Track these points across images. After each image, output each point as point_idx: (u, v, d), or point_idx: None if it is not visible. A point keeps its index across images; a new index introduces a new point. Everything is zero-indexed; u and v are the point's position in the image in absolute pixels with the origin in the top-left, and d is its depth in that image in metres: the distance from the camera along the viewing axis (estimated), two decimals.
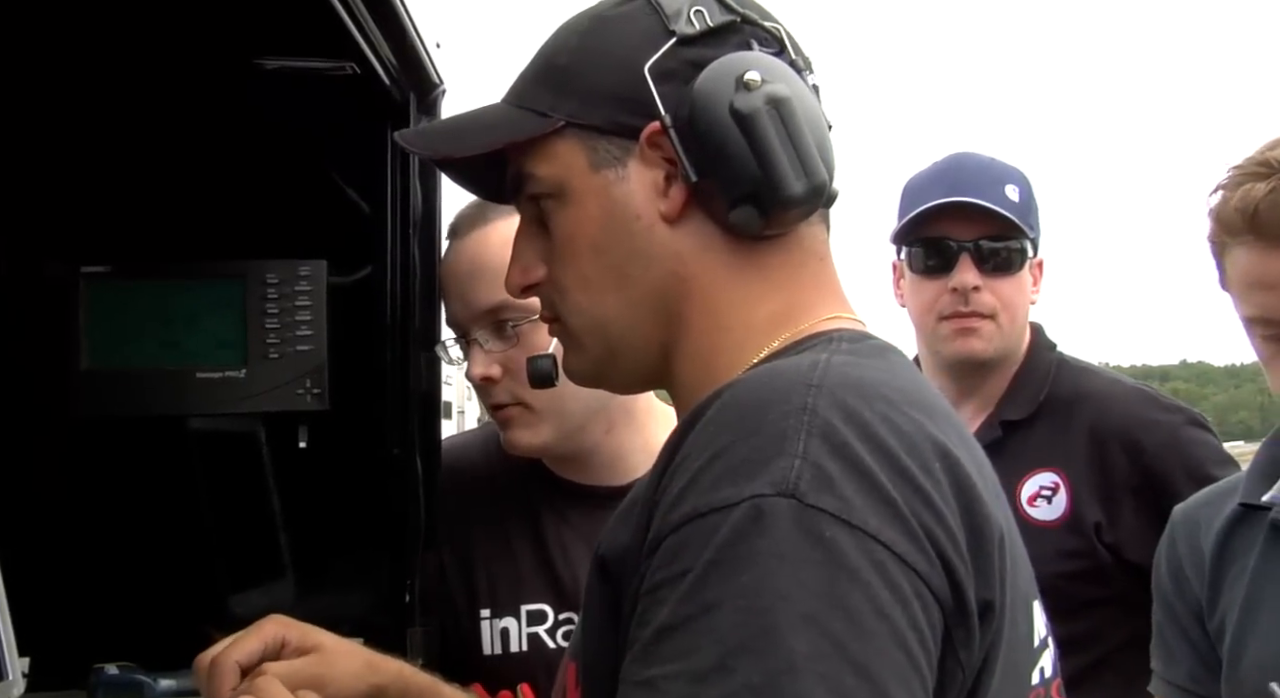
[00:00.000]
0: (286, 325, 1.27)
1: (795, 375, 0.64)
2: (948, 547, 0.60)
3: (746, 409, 0.62)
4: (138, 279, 1.28)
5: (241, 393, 1.25)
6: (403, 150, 1.29)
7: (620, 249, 0.74)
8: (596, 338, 0.76)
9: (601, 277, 0.75)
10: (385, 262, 1.28)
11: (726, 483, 0.59)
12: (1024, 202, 1.57)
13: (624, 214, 0.74)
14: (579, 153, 0.74)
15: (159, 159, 1.30)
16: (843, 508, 0.58)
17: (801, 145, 0.71)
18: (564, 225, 0.76)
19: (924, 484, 0.61)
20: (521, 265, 0.79)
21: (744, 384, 0.65)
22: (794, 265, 0.75)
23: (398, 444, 1.25)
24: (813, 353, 0.69)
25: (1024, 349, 1.62)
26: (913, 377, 0.71)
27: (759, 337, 0.73)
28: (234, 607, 1.28)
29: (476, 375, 1.22)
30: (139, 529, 1.28)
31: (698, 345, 0.75)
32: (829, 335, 0.72)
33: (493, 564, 1.28)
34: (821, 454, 0.59)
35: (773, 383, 0.64)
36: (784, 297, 0.74)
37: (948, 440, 0.64)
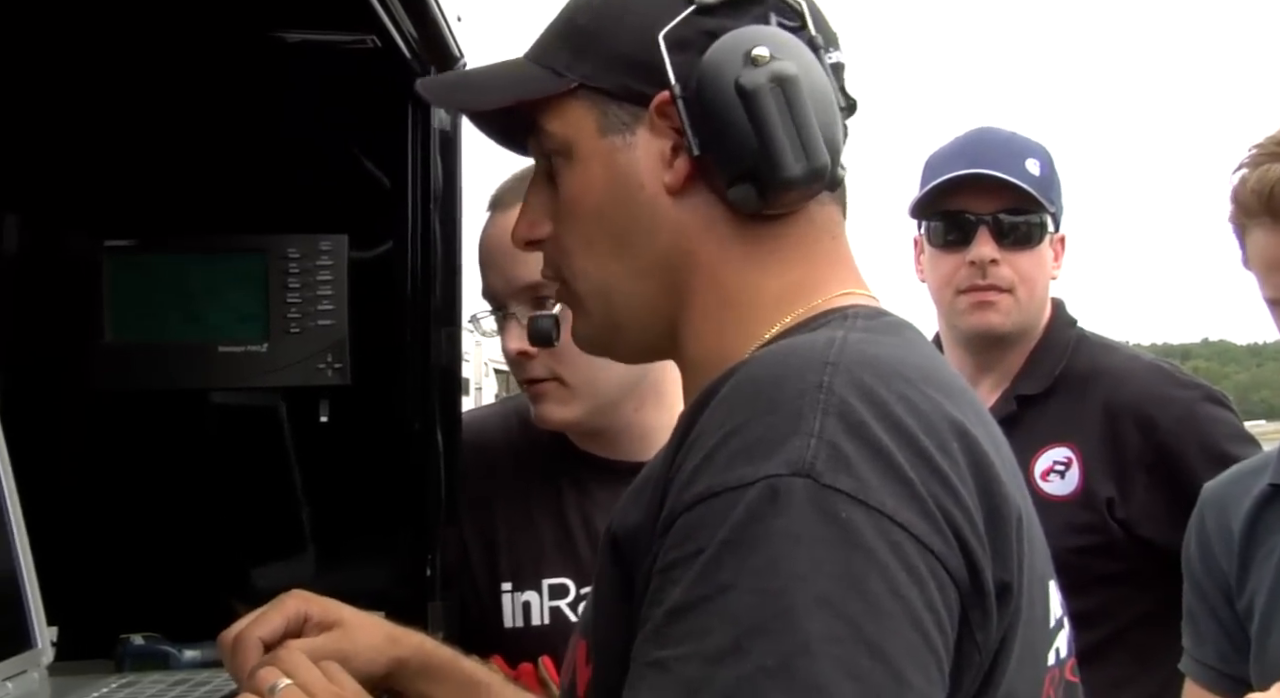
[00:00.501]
0: (307, 300, 1.27)
1: (811, 353, 0.63)
2: (965, 527, 0.60)
3: (761, 387, 0.62)
4: (160, 253, 1.29)
5: (263, 367, 1.26)
6: (423, 125, 1.30)
7: (623, 217, 0.74)
8: (600, 304, 0.76)
9: (604, 243, 0.74)
10: (406, 236, 1.29)
11: (741, 462, 0.59)
12: (1045, 176, 1.57)
13: (628, 182, 0.73)
14: (589, 115, 0.74)
15: (181, 133, 1.30)
16: (859, 488, 0.58)
17: (804, 126, 0.70)
18: (570, 186, 0.75)
19: (941, 464, 0.60)
20: (529, 219, 0.79)
21: (759, 362, 0.65)
22: (805, 242, 0.74)
23: (418, 419, 1.26)
24: (828, 330, 0.68)
25: (1043, 324, 1.62)
26: (929, 354, 0.71)
27: (768, 312, 0.72)
28: (256, 580, 1.29)
29: (513, 349, 1.22)
30: (163, 502, 1.29)
31: (705, 320, 0.74)
32: (843, 312, 0.71)
33: (514, 538, 1.29)
34: (838, 433, 0.59)
35: (788, 361, 0.64)
36: (795, 273, 0.73)
37: (965, 419, 0.64)
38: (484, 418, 1.41)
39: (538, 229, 0.78)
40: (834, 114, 0.72)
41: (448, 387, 1.28)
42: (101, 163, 1.30)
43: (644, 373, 1.25)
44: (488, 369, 9.43)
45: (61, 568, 1.18)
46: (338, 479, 1.32)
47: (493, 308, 1.27)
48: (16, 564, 1.13)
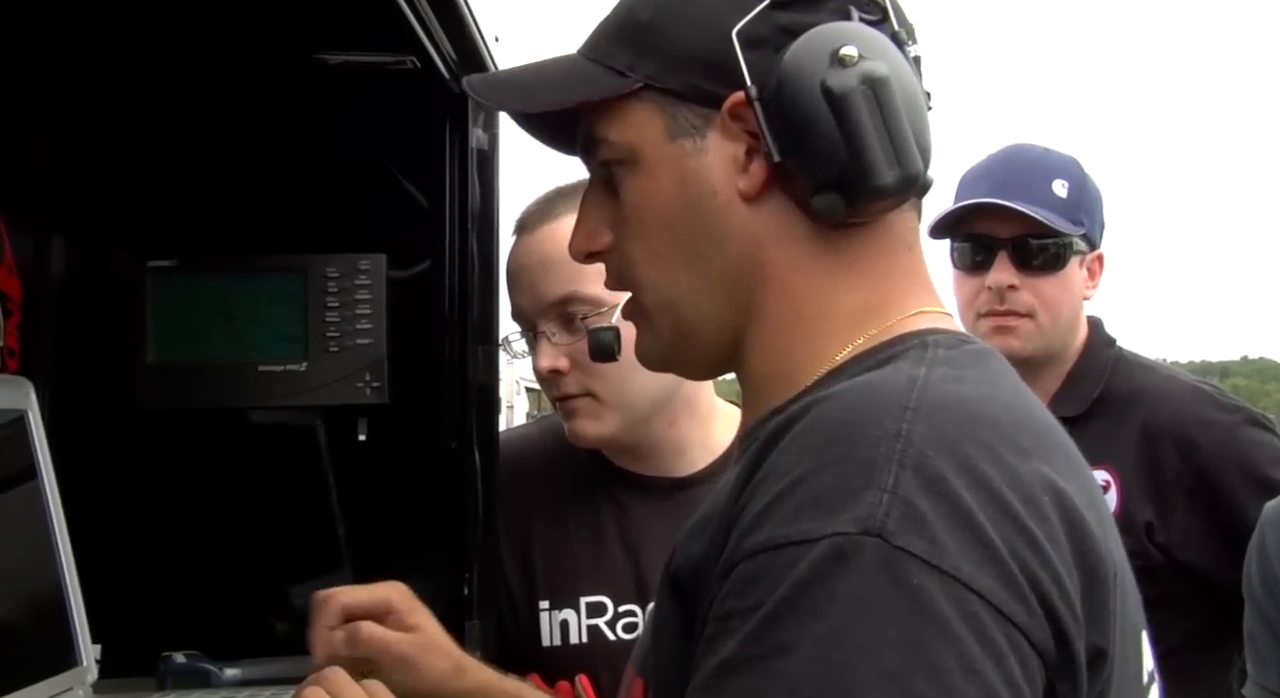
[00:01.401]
0: (346, 319, 1.27)
1: (890, 395, 0.59)
2: (1053, 593, 0.56)
3: (835, 431, 0.58)
4: (202, 273, 1.29)
5: (302, 386, 1.27)
6: (461, 144, 1.31)
7: (694, 226, 0.69)
8: (667, 318, 0.72)
9: (673, 253, 0.70)
10: (444, 255, 1.29)
11: (807, 514, 0.55)
12: (1074, 196, 1.56)
13: (699, 189, 0.69)
14: (655, 118, 0.69)
15: (222, 154, 1.32)
16: (932, 551, 0.54)
17: (896, 131, 0.65)
18: (635, 195, 0.71)
19: (1029, 523, 0.56)
20: (587, 230, 0.74)
21: (835, 402, 0.61)
22: (881, 254, 0.70)
23: (456, 437, 1.26)
24: (908, 363, 0.64)
25: (1079, 345, 1.61)
26: (1016, 389, 0.67)
27: (841, 331, 0.68)
28: (295, 598, 1.29)
29: (544, 368, 1.22)
30: (204, 520, 1.30)
31: (774, 336, 0.70)
32: (923, 338, 0.67)
33: (551, 556, 1.29)
34: (913, 489, 0.55)
35: (866, 403, 0.60)
36: (869, 288, 0.69)
37: (1057, 473, 0.59)
38: (520, 436, 1.42)
39: (597, 240, 0.74)
40: (924, 115, 0.68)
41: (485, 405, 1.28)
42: (144, 184, 1.32)
43: (677, 386, 1.25)
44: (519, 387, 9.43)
45: (105, 586, 1.19)
46: (376, 497, 1.32)
47: (522, 328, 1.28)
48: (62, 582, 1.14)
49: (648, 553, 1.26)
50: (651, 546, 1.26)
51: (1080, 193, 1.58)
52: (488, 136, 1.30)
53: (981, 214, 1.56)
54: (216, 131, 1.31)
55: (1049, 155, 1.61)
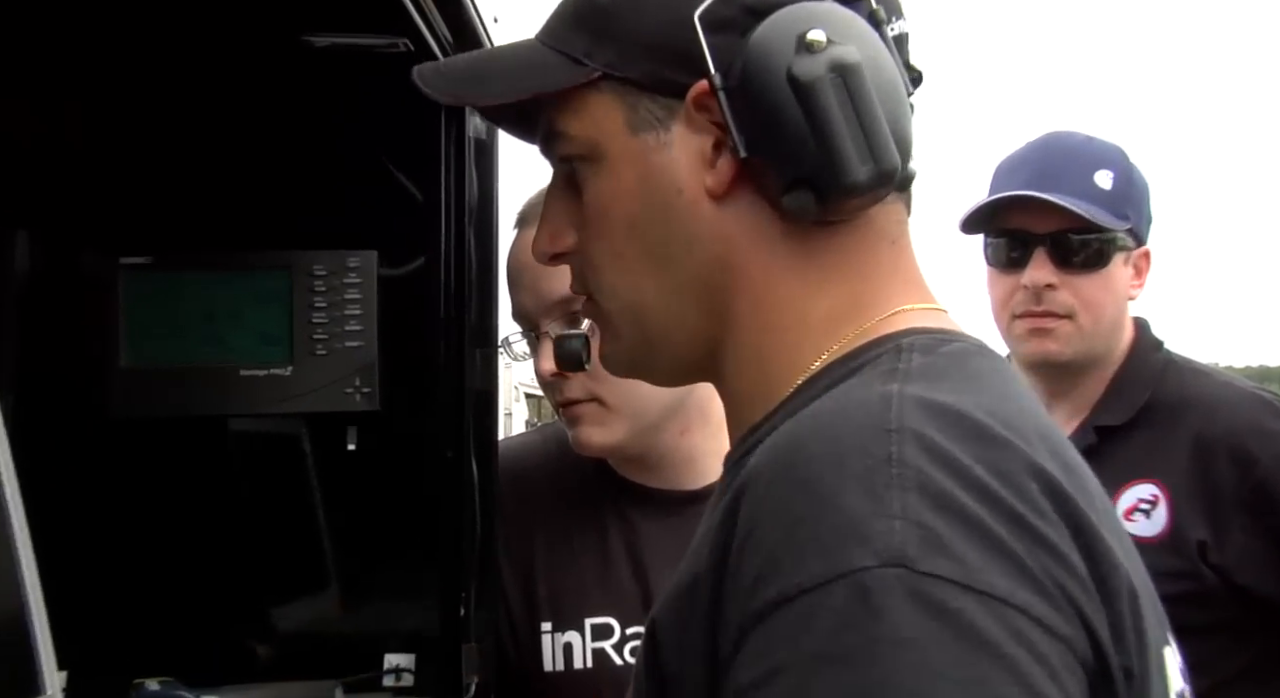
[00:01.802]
0: (335, 320, 1.22)
1: (868, 420, 0.54)
2: (1082, 600, 0.52)
3: (821, 469, 0.53)
4: (179, 271, 1.24)
5: (287, 392, 1.22)
6: (458, 133, 1.23)
7: (659, 227, 0.65)
8: (632, 325, 0.68)
9: (637, 257, 0.66)
10: (439, 252, 1.22)
11: (814, 557, 0.50)
12: (1119, 189, 1.47)
13: (664, 186, 0.65)
14: (616, 110, 0.65)
15: (201, 144, 1.26)
16: (962, 571, 0.49)
17: (869, 123, 0.61)
18: (596, 194, 0.67)
19: (1043, 530, 0.52)
20: (550, 230, 0.70)
21: (805, 435, 0.55)
22: (861, 251, 0.65)
23: (452, 446, 1.19)
24: (878, 376, 0.59)
25: (1124, 349, 1.52)
26: (1000, 388, 0.61)
27: (817, 337, 0.64)
28: (278, 620, 1.25)
29: (546, 370, 1.16)
30: (179, 537, 1.25)
31: (748, 346, 0.66)
32: (897, 343, 0.62)
33: (554, 575, 1.23)
34: (923, 510, 0.50)
35: (844, 431, 0.54)
36: (846, 288, 0.65)
37: (1054, 472, 0.55)
38: (521, 445, 1.36)
39: (560, 241, 0.70)
40: (903, 104, 0.64)
41: (483, 412, 1.22)
42: (115, 174, 1.27)
43: (688, 392, 1.19)
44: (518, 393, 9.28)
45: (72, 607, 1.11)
46: (366, 512, 1.28)
47: (524, 329, 1.22)
48: (25, 604, 1.05)
49: (657, 572, 1.20)
50: (661, 563, 1.20)
51: (1126, 184, 1.48)
52: (486, 125, 1.23)
53: (1017, 207, 1.47)
54: (195, 119, 1.26)
55: (1091, 144, 1.52)
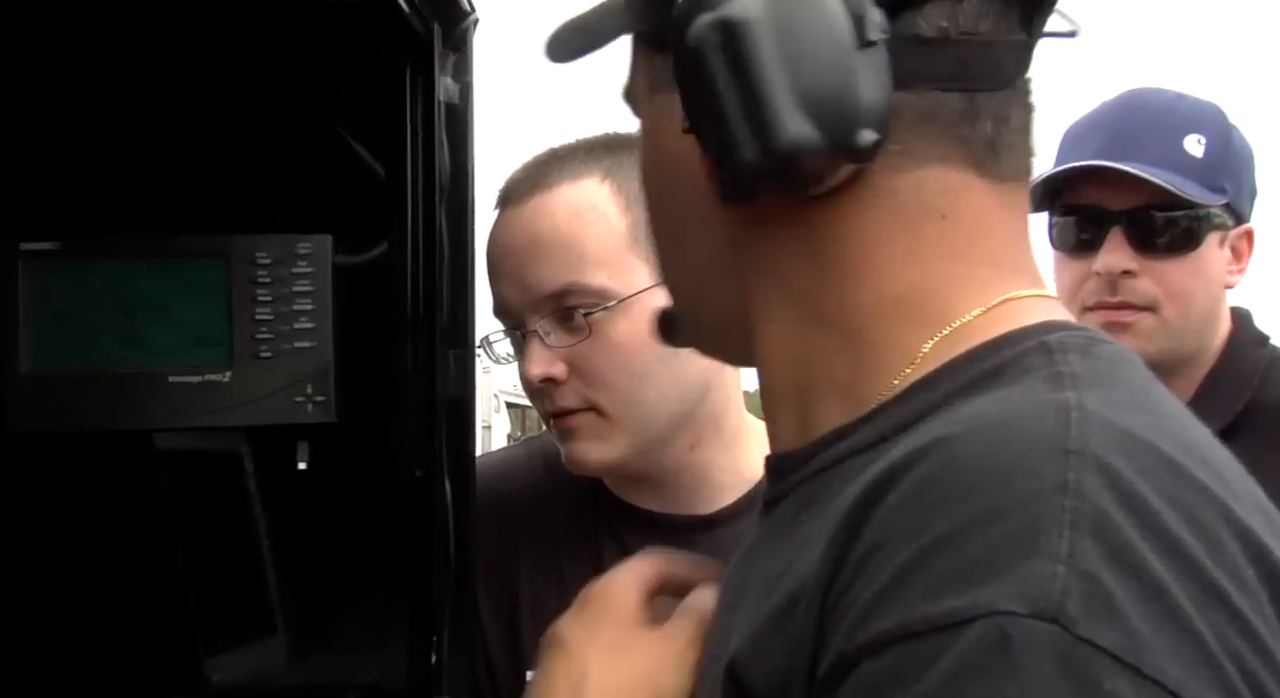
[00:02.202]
0: (281, 317, 1.12)
1: (1040, 435, 0.48)
2: (1275, 694, 0.45)
3: (976, 483, 0.47)
4: (91, 258, 1.12)
5: (225, 401, 1.11)
6: (425, 96, 1.12)
7: (674, 202, 0.63)
8: (675, 301, 0.68)
9: (665, 232, 0.66)
10: (405, 237, 1.13)
11: (951, 590, 0.45)
12: (1214, 156, 1.32)
13: (670, 157, 0.61)
14: (642, 69, 0.63)
15: (120, 108, 1.14)
16: (1129, 647, 0.43)
17: (760, 89, 0.53)
18: (640, 159, 0.66)
19: (1240, 606, 0.45)
20: None
21: (965, 442, 0.49)
22: (896, 229, 0.57)
23: (421, 464, 1.11)
24: (1041, 382, 0.52)
25: (1220, 344, 1.37)
26: (1171, 407, 0.55)
27: (884, 332, 0.57)
28: (213, 672, 1.14)
29: (535, 376, 1.07)
30: (93, 576, 1.14)
31: (790, 339, 0.60)
32: (1041, 341, 0.54)
33: (542, 614, 1.12)
34: (1095, 560, 0.44)
35: (1009, 445, 0.48)
36: (902, 274, 0.57)
37: (1251, 522, 0.48)
38: (502, 463, 1.26)
39: None
40: (840, 55, 0.54)
41: (457, 424, 1.12)
42: (16, 145, 1.14)
43: (700, 399, 1.11)
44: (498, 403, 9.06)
45: None
46: (319, 542, 1.17)
47: (507, 326, 1.13)
48: None
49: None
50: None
51: (1223, 151, 1.33)
52: (459, 87, 1.13)
53: (1089, 180, 1.31)
54: (111, 77, 1.13)
55: (1181, 103, 1.36)
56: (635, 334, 1.02)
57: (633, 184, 1.01)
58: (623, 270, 1.04)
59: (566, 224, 1.05)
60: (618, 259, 1.04)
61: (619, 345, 1.04)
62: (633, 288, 1.03)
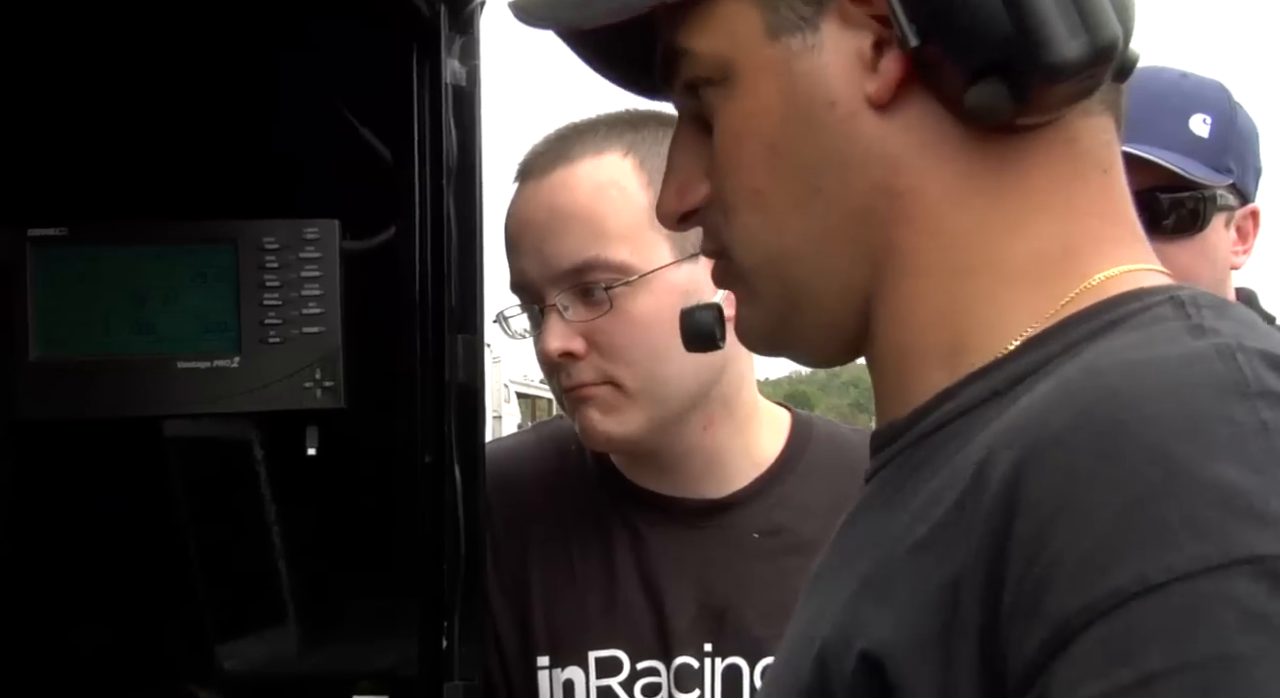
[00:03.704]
0: (290, 302, 1.11)
1: (1214, 379, 0.46)
2: None
3: (1164, 431, 0.45)
4: (101, 244, 1.12)
5: (234, 387, 1.11)
6: (432, 79, 1.11)
7: (806, 150, 0.57)
8: (774, 281, 0.60)
9: (780, 190, 0.58)
10: (412, 221, 1.12)
11: (1190, 537, 0.42)
12: (1219, 135, 1.30)
13: (812, 99, 0.57)
14: (752, 15, 0.57)
15: (127, 94, 1.13)
16: None
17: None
18: (730, 120, 0.59)
19: None
20: (679, 182, 0.62)
21: (1131, 386, 0.47)
22: (1066, 177, 0.57)
23: (430, 450, 1.10)
24: (1187, 331, 0.50)
25: None
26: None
27: (1022, 289, 0.55)
28: (224, 658, 1.14)
29: (554, 350, 1.06)
30: (103, 563, 1.14)
31: (920, 292, 0.57)
32: (1172, 295, 0.53)
33: (552, 600, 1.13)
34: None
35: (1185, 391, 0.46)
36: (1055, 227, 0.56)
37: None
38: (511, 448, 1.25)
39: (691, 194, 0.62)
40: None
41: (467, 409, 1.10)
42: (24, 131, 1.13)
43: (716, 379, 1.10)
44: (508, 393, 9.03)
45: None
46: (329, 528, 1.17)
47: (524, 301, 1.11)
48: None
49: (674, 596, 1.10)
50: (679, 586, 1.10)
51: (1227, 130, 1.30)
52: (466, 70, 1.11)
53: None
54: (117, 64, 1.13)
55: (1185, 82, 1.33)
56: (656, 310, 1.02)
57: (656, 160, 0.99)
58: (644, 246, 1.03)
59: (588, 198, 1.04)
60: (639, 235, 1.03)
61: (639, 321, 1.03)
62: (654, 263, 1.03)
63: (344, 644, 1.15)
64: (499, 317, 1.13)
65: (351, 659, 1.10)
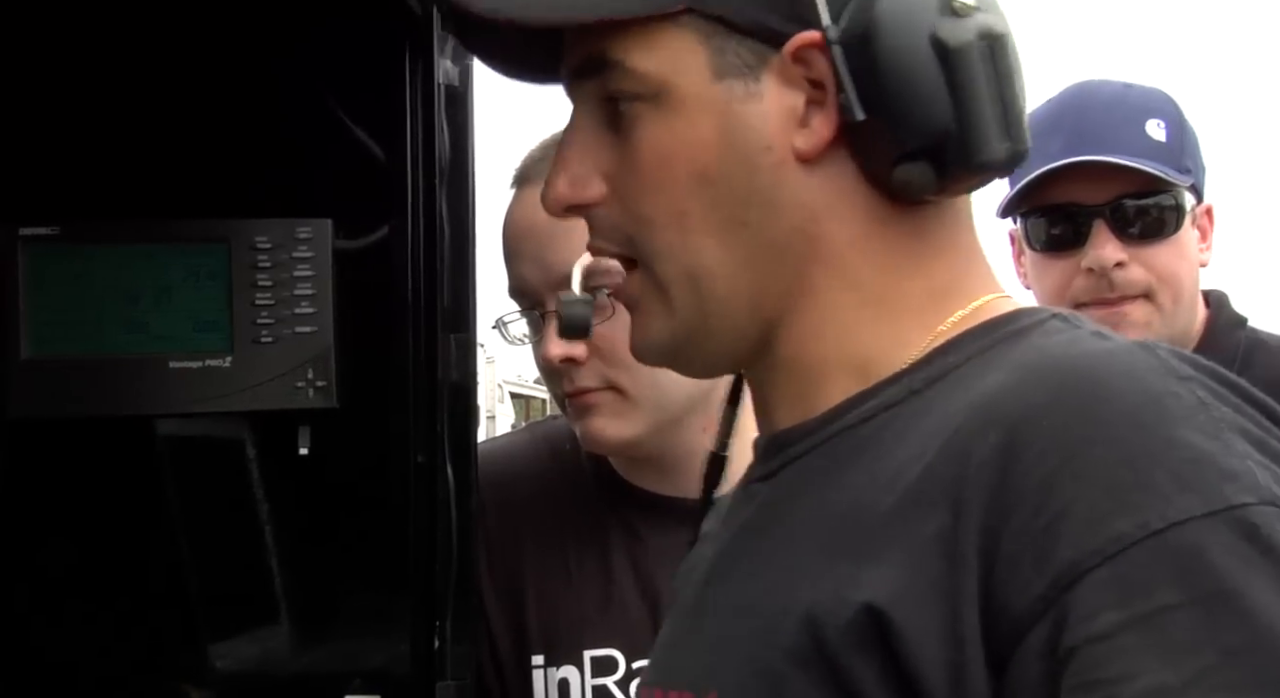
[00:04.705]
0: (282, 301, 1.12)
1: (1151, 366, 0.55)
2: None
3: (1136, 403, 0.53)
4: (92, 244, 1.13)
5: (226, 387, 1.12)
6: (424, 79, 1.12)
7: (739, 186, 0.62)
8: (688, 294, 0.64)
9: (705, 215, 0.63)
10: (405, 220, 1.13)
11: (1178, 491, 0.50)
12: (1174, 138, 1.33)
13: (748, 142, 0.62)
14: (698, 50, 0.62)
15: (119, 93, 1.14)
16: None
17: (1011, 98, 0.61)
18: (659, 140, 0.63)
19: None
20: (571, 175, 0.65)
21: (1087, 371, 0.56)
22: (952, 233, 0.65)
23: (423, 450, 1.11)
24: (1094, 336, 0.60)
25: (1199, 327, 1.37)
26: None
27: (918, 314, 0.64)
28: (216, 658, 1.14)
29: (555, 355, 1.07)
30: (95, 562, 1.14)
31: (831, 322, 0.64)
32: (1054, 313, 0.63)
33: (547, 599, 1.14)
34: (1253, 454, 0.52)
35: (1137, 373, 0.55)
36: (942, 271, 0.65)
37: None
38: (505, 447, 1.27)
39: (585, 189, 0.65)
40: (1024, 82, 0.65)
41: (459, 409, 1.12)
42: (15, 129, 1.14)
43: (715, 383, 1.11)
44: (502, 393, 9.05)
45: None
46: (321, 528, 1.17)
47: (524, 306, 1.12)
48: None
49: (670, 594, 1.07)
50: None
51: (1181, 133, 1.34)
52: (459, 70, 1.13)
53: (1061, 178, 1.31)
54: (109, 63, 1.13)
55: (1130, 92, 1.37)
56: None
57: None
58: None
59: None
60: None
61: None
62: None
63: (336, 644, 1.15)
64: (498, 322, 1.14)
65: (344, 659, 1.10)
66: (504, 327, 1.14)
